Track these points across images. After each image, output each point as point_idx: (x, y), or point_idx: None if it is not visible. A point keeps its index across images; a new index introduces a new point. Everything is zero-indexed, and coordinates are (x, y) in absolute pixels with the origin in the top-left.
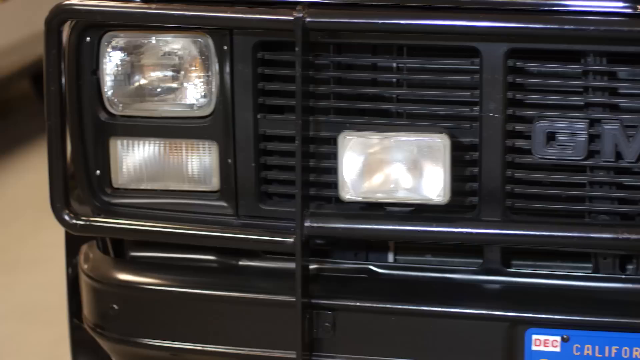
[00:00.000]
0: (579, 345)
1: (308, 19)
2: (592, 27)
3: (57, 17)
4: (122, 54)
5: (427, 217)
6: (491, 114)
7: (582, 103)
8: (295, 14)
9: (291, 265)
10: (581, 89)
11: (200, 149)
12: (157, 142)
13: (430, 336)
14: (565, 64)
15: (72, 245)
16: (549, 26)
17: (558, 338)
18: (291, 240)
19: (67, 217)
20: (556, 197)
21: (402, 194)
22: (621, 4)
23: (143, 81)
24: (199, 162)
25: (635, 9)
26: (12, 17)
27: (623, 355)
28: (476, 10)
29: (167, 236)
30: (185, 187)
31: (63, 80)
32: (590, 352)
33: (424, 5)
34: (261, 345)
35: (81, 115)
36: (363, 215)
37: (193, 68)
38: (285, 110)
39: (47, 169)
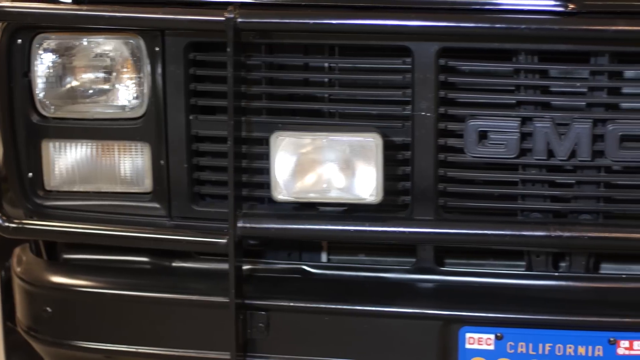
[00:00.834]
0: (512, 343)
1: (239, 20)
2: (523, 26)
3: None
4: (54, 56)
5: (359, 216)
6: (423, 113)
7: (514, 101)
8: (227, 15)
9: (224, 266)
10: (513, 88)
11: (133, 150)
12: (90, 144)
13: (364, 336)
14: (497, 62)
15: (5, 248)
16: (480, 25)
17: (492, 336)
18: (224, 241)
19: None
20: (489, 196)
21: (335, 194)
22: (552, 3)
23: (75, 83)
24: (132, 163)
25: (567, 7)
26: None
27: (557, 353)
28: (407, 9)
29: (99, 238)
30: (118, 189)
31: None
32: (524, 350)
33: (355, 5)
34: (195, 346)
35: (13, 117)
36: (296, 215)
37: (125, 69)
38: (217, 111)
39: None
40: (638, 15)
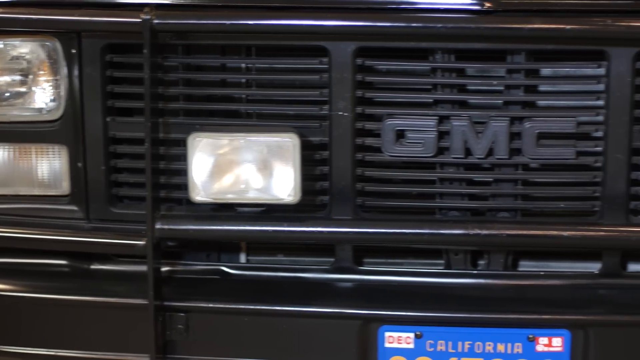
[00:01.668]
0: (432, 342)
1: (156, 21)
2: (439, 25)
3: None
4: None
5: (278, 216)
6: (340, 113)
7: (431, 100)
8: (143, 16)
9: (143, 268)
10: (430, 87)
11: (50, 153)
12: (6, 147)
13: (283, 336)
14: (414, 61)
15: None
16: (396, 24)
17: (411, 335)
18: (142, 242)
19: None
20: (407, 195)
21: (253, 194)
22: (469, 1)
23: None
24: (49, 166)
25: (483, 5)
26: None
27: (476, 350)
28: (324, 9)
29: (17, 241)
30: (36, 192)
31: None
32: (443, 348)
33: (272, 6)
34: (115, 348)
35: None
36: (214, 216)
37: (41, 72)
38: (135, 112)
39: None
40: (554, 14)
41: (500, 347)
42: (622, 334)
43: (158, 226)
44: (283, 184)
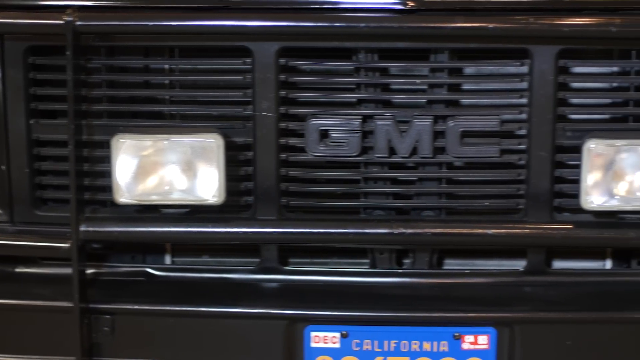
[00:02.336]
0: (358, 341)
1: (78, 23)
2: (362, 24)
3: None
4: None
5: (202, 217)
6: (264, 113)
7: (354, 100)
8: (65, 18)
9: (68, 270)
10: (354, 86)
11: None
12: None
13: (209, 337)
14: (337, 61)
15: None
16: (319, 24)
17: (337, 334)
18: (67, 245)
19: None
20: (331, 194)
21: (177, 196)
22: (392, 0)
23: None
24: None
25: (406, 5)
26: None
27: (402, 349)
28: (247, 10)
29: None
30: None
31: None
32: (369, 347)
33: (194, 7)
34: (41, 351)
35: None
36: (138, 218)
37: None
38: (58, 114)
39: None
40: (476, 12)
41: (426, 346)
42: (548, 330)
43: (83, 228)
44: (207, 185)
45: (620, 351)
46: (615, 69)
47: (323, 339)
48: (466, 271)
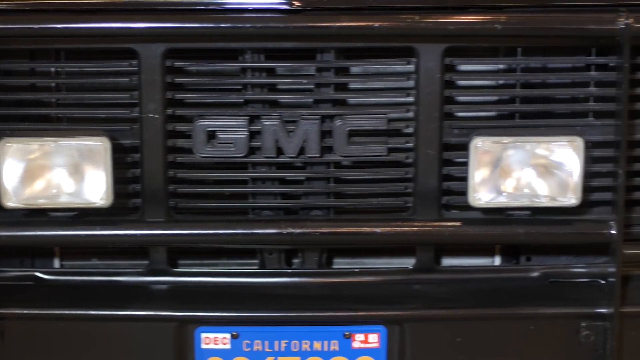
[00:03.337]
0: (248, 342)
1: None
2: (248, 25)
3: None
4: None
5: (90, 220)
6: (151, 115)
7: (241, 100)
8: None
9: None
10: (240, 87)
11: None
12: None
13: (99, 340)
14: (223, 62)
15: None
16: (204, 25)
17: (228, 335)
18: None
19: None
20: (220, 195)
21: (65, 199)
22: (277, 1)
23: None
24: None
25: (291, 4)
26: None
27: (293, 349)
28: (132, 12)
29: None
30: None
31: None
32: (260, 348)
33: (80, 9)
34: None
35: None
36: (26, 222)
37: None
38: None
39: None
40: (362, 11)
41: (317, 345)
42: (437, 327)
43: None
44: (95, 187)
45: (509, 347)
46: (501, 66)
47: (213, 340)
48: (355, 270)
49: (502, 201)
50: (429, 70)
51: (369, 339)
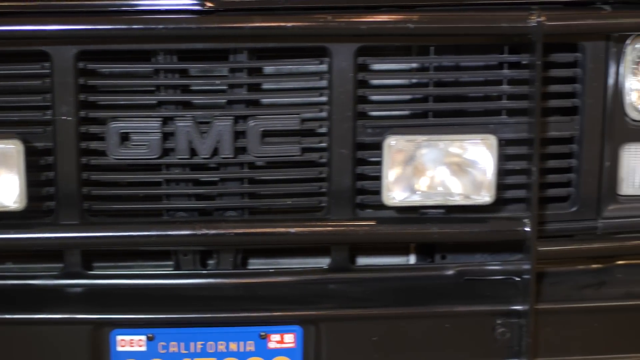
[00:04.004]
0: (164, 343)
1: None
2: (160, 26)
3: None
4: None
5: (4, 224)
6: (64, 117)
7: (154, 102)
8: None
9: None
10: (153, 88)
11: None
12: None
13: (14, 344)
14: (136, 63)
15: None
16: (116, 27)
17: (144, 337)
18: None
19: None
20: (134, 197)
21: None
22: (189, 2)
23: None
24: None
25: (204, 5)
26: None
27: (208, 350)
28: (44, 14)
29: None
30: None
31: None
32: (176, 349)
33: None
34: None
35: None
36: None
37: None
38: None
39: None
40: (274, 12)
41: (233, 346)
42: (353, 327)
43: None
44: (8, 191)
45: (425, 345)
46: (414, 65)
47: (129, 342)
48: (271, 270)
49: (416, 200)
50: (341, 70)
51: (285, 339)
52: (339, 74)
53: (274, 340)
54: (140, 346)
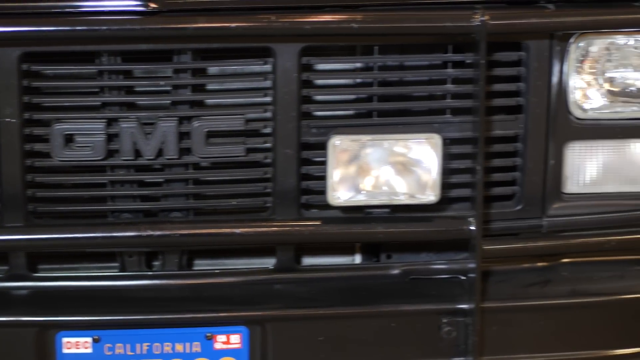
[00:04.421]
0: (110, 345)
1: None
2: (104, 27)
3: None
4: None
5: None
6: (8, 120)
7: (99, 103)
8: None
9: None
10: (97, 89)
11: None
12: None
13: None
14: (80, 65)
15: None
16: (60, 28)
17: (89, 339)
18: None
19: None
20: (79, 199)
21: None
22: (133, 3)
23: None
24: None
25: (147, 6)
26: None
27: (154, 352)
28: None
29: None
30: None
31: None
32: (122, 351)
33: None
34: None
35: None
36: None
37: None
38: None
39: None
40: (219, 12)
41: (179, 347)
42: (299, 327)
43: None
44: None
45: (371, 344)
46: (358, 64)
47: (75, 344)
48: (216, 271)
49: (361, 199)
50: (286, 70)
51: (231, 340)
52: (283, 74)
53: (220, 341)
54: (86, 348)
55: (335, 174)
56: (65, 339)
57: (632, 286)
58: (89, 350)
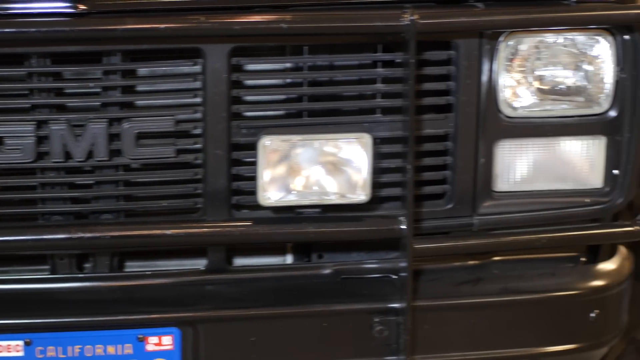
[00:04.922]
0: (42, 348)
1: None
2: (33, 29)
3: None
4: None
5: None
6: None
7: (28, 105)
8: None
9: None
10: (27, 92)
11: None
12: None
13: None
14: (8, 67)
15: None
16: None
17: (21, 342)
18: None
19: None
20: (9, 202)
21: None
22: (62, 4)
23: None
24: None
25: (76, 8)
26: None
27: (86, 354)
28: None
29: None
30: None
31: None
32: (54, 354)
33: None
34: None
35: None
36: None
37: None
38: None
39: None
40: (146, 13)
41: (111, 349)
42: (230, 328)
43: None
44: None
45: (303, 344)
46: (288, 65)
47: (6, 348)
48: (147, 272)
49: (291, 199)
50: (215, 70)
51: (163, 341)
52: (212, 74)
53: (152, 343)
54: (17, 351)
55: (266, 174)
56: None
57: (563, 283)
58: (21, 354)
